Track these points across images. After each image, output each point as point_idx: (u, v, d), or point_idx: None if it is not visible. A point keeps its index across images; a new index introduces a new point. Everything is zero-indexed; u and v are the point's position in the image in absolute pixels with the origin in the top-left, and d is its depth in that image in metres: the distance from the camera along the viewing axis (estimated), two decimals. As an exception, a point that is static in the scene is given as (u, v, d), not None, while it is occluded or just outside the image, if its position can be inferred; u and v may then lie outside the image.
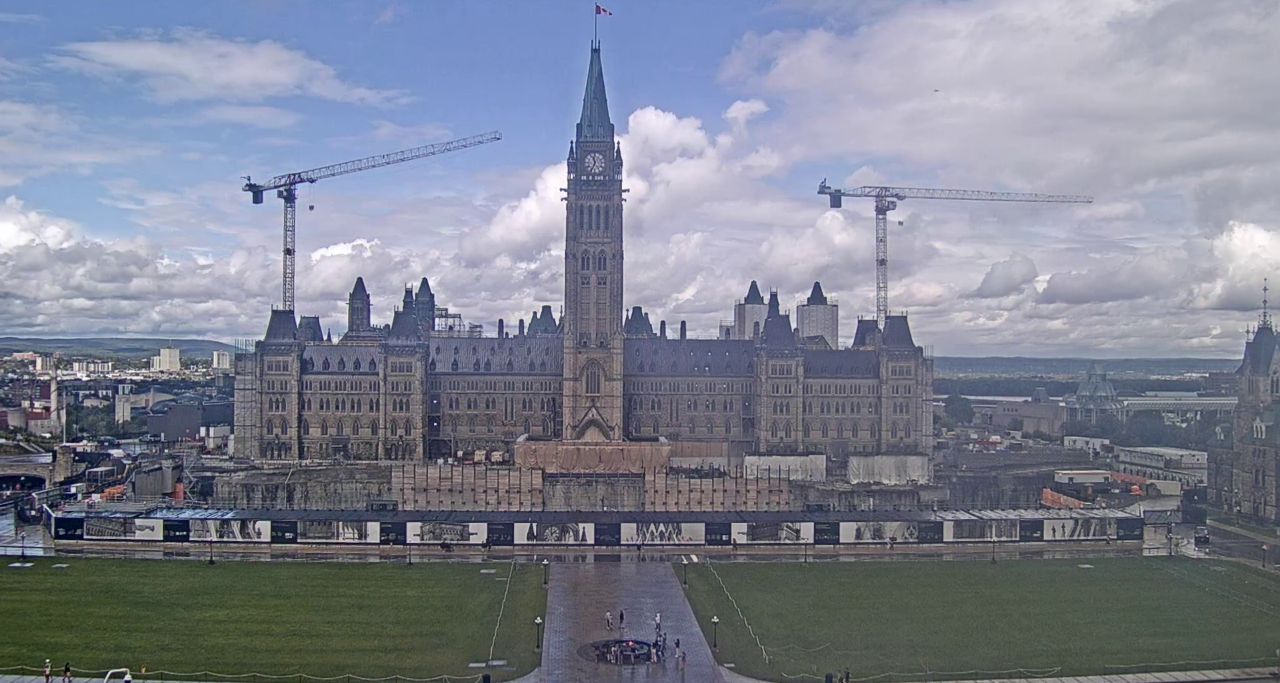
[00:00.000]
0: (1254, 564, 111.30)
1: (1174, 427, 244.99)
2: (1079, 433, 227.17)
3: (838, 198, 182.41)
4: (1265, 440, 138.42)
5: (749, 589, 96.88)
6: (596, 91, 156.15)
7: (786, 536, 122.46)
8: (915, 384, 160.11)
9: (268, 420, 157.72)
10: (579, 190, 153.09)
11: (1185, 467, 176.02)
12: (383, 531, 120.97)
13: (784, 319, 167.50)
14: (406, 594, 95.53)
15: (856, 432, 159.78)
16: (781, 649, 76.30)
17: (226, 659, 71.95)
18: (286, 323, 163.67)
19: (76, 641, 77.01)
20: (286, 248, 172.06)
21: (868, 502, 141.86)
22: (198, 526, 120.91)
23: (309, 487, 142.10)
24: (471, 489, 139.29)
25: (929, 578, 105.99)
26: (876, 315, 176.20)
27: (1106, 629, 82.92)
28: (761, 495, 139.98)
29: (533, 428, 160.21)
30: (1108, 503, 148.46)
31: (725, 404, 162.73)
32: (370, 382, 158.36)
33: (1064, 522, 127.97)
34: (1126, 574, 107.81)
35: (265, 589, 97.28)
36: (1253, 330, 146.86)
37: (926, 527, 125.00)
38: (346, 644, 77.13)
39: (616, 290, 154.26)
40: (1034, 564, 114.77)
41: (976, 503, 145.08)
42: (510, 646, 76.42)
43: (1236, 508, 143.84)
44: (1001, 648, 77.58)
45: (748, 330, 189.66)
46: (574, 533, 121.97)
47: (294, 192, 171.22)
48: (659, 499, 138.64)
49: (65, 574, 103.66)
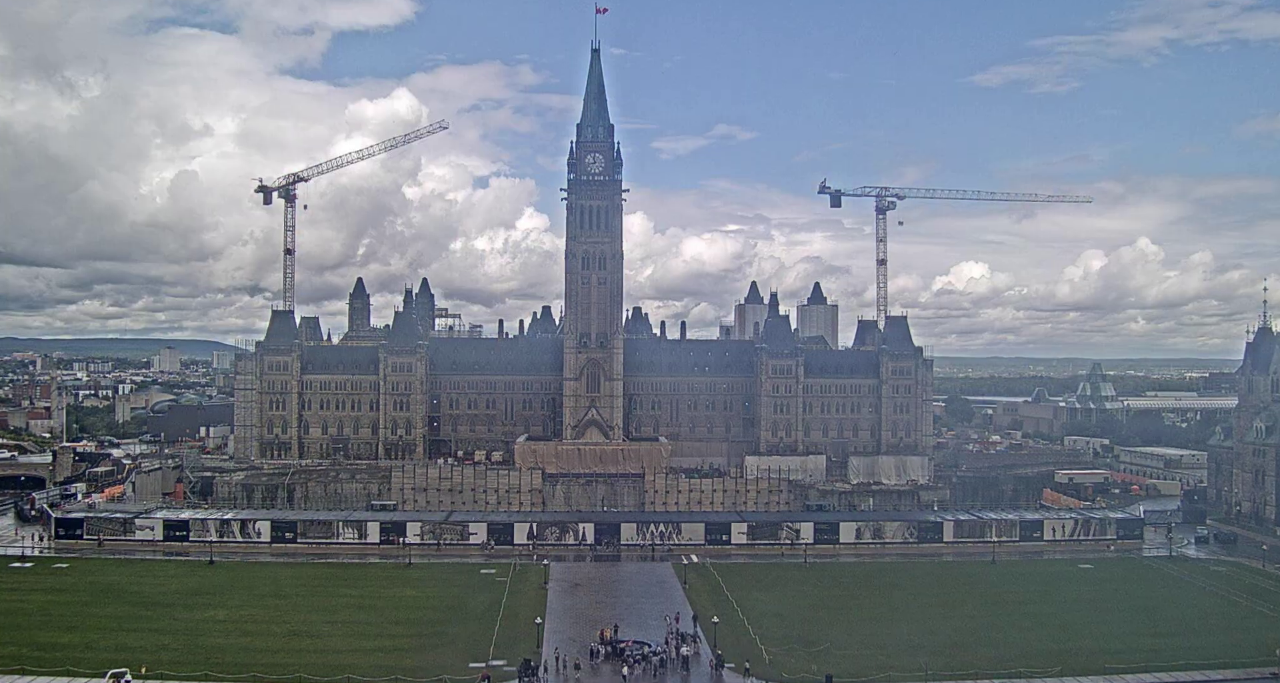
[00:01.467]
0: (1254, 564, 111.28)
1: (1174, 427, 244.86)
2: (1079, 433, 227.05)
3: (838, 198, 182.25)
4: (1265, 440, 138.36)
5: (749, 589, 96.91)
6: (596, 92, 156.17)
7: (786, 535, 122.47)
8: (915, 384, 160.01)
9: (268, 420, 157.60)
10: (579, 190, 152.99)
11: (1185, 467, 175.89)
12: (383, 530, 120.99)
13: (784, 319, 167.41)
14: (406, 594, 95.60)
15: (856, 432, 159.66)
16: (781, 649, 76.32)
17: (226, 659, 72.01)
18: (286, 323, 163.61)
19: (76, 641, 77.09)
20: (286, 248, 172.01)
21: (868, 502, 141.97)
22: (198, 525, 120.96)
23: (309, 487, 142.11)
24: (471, 489, 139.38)
25: (929, 578, 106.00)
26: (876, 315, 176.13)
27: (1106, 629, 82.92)
28: (761, 495, 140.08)
29: (533, 428, 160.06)
30: (1108, 503, 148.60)
31: (725, 404, 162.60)
32: (370, 382, 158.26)
33: (1064, 522, 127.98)
34: (1126, 574, 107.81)
35: (265, 589, 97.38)
36: (1253, 330, 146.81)
37: (926, 527, 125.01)
38: (346, 644, 77.17)
39: (616, 290, 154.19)
40: (1034, 564, 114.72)
41: (976, 503, 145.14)
42: (510, 646, 76.43)
43: (1236, 508, 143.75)
44: (1001, 648, 77.57)
45: (748, 330, 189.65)
46: (574, 533, 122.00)
47: (293, 191, 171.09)
48: (659, 499, 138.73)
49: (65, 574, 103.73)
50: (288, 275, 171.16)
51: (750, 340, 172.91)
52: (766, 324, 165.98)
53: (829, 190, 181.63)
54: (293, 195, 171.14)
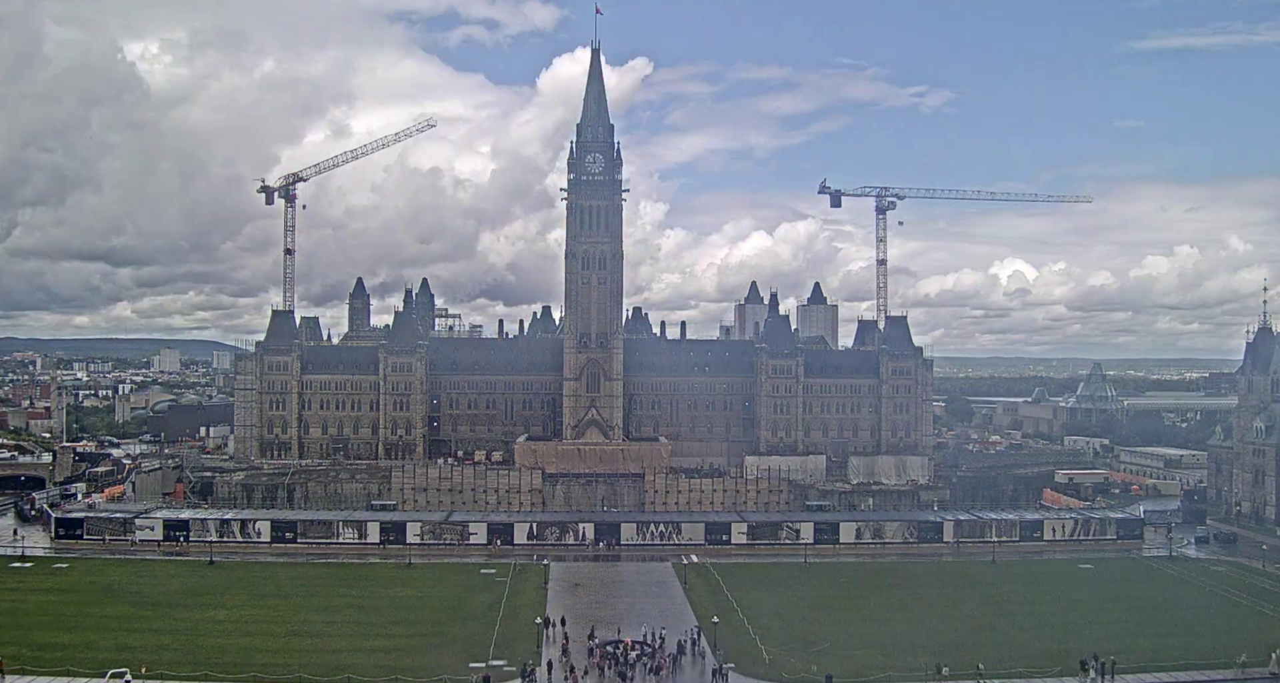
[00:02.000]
0: (1254, 564, 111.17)
1: (1174, 427, 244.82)
2: (1079, 433, 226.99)
3: (838, 197, 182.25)
4: (1265, 440, 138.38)
5: (749, 589, 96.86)
6: (596, 92, 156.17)
7: (786, 536, 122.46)
8: (915, 384, 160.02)
9: (268, 420, 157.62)
10: (579, 190, 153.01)
11: (1185, 467, 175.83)
12: (383, 530, 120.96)
13: (784, 319, 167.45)
14: (406, 594, 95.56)
15: (856, 432, 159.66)
16: (781, 649, 76.27)
17: (226, 659, 71.95)
18: (286, 323, 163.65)
19: (76, 641, 77.02)
20: (286, 248, 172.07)
21: (868, 502, 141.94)
22: (198, 525, 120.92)
23: (309, 487, 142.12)
24: (471, 489, 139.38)
25: (929, 578, 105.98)
26: (876, 315, 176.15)
27: (1106, 629, 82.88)
28: (761, 495, 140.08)
29: (533, 428, 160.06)
30: (1108, 503, 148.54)
31: (725, 404, 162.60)
32: (370, 382, 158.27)
33: (1064, 522, 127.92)
34: (1126, 574, 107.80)
35: (265, 589, 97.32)
36: (1253, 330, 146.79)
37: (926, 527, 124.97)
38: (346, 644, 77.12)
39: (616, 290, 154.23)
40: (1034, 564, 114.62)
41: (976, 503, 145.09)
42: (510, 646, 76.41)
43: (1236, 508, 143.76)
44: (1001, 648, 77.53)
45: (748, 330, 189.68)
46: (574, 533, 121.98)
47: (294, 191, 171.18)
48: (659, 499, 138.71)
49: (65, 574, 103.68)
50: (287, 275, 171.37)
51: (750, 340, 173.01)
52: (766, 324, 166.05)
53: (829, 190, 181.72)
54: (292, 195, 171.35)
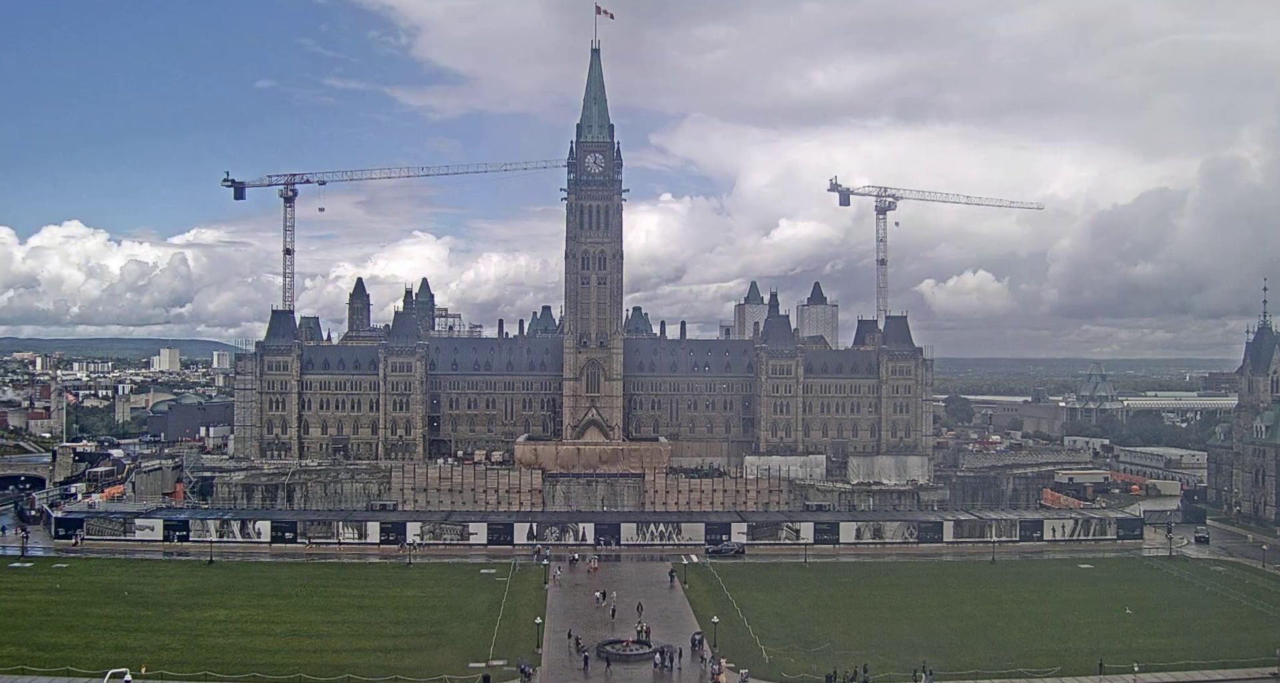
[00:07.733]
0: (1254, 564, 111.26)
1: (1174, 427, 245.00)
2: (1079, 433, 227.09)
3: (846, 196, 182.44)
4: (1265, 440, 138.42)
5: (749, 589, 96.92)
6: (596, 92, 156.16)
7: (786, 536, 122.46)
8: (915, 384, 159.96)
9: (268, 420, 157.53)
10: (579, 190, 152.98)
11: (1185, 467, 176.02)
12: (383, 530, 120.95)
13: (784, 319, 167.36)
14: (406, 594, 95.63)
15: (856, 432, 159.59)
16: (781, 649, 76.31)
17: (226, 659, 71.97)
18: (286, 323, 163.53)
19: (76, 641, 77.06)
20: (286, 248, 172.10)
21: (868, 502, 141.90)
22: (198, 525, 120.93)
23: (309, 487, 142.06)
24: (471, 489, 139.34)
25: (929, 578, 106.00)
26: (876, 315, 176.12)
27: (1106, 629, 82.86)
28: (761, 495, 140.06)
29: (533, 428, 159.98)
30: (1108, 503, 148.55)
31: (725, 404, 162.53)
32: (370, 382, 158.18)
33: (1064, 522, 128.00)
34: (1126, 574, 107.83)
35: (265, 589, 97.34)
36: (1253, 330, 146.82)
37: (926, 527, 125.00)
38: (346, 644, 77.16)
39: (616, 290, 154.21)
40: (1034, 564, 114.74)
41: (976, 503, 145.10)
42: (510, 646, 76.44)
43: (1236, 508, 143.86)
44: (1001, 648, 77.61)
45: (748, 330, 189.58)
46: (574, 533, 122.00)
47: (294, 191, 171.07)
48: (659, 499, 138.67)
49: (65, 574, 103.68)
50: (288, 275, 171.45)
51: (750, 340, 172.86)
52: (766, 324, 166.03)
53: (839, 189, 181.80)
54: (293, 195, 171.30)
